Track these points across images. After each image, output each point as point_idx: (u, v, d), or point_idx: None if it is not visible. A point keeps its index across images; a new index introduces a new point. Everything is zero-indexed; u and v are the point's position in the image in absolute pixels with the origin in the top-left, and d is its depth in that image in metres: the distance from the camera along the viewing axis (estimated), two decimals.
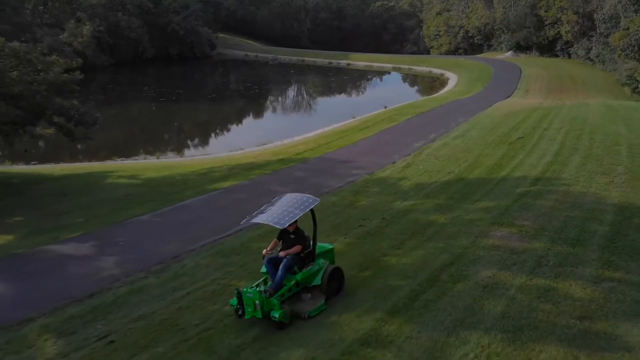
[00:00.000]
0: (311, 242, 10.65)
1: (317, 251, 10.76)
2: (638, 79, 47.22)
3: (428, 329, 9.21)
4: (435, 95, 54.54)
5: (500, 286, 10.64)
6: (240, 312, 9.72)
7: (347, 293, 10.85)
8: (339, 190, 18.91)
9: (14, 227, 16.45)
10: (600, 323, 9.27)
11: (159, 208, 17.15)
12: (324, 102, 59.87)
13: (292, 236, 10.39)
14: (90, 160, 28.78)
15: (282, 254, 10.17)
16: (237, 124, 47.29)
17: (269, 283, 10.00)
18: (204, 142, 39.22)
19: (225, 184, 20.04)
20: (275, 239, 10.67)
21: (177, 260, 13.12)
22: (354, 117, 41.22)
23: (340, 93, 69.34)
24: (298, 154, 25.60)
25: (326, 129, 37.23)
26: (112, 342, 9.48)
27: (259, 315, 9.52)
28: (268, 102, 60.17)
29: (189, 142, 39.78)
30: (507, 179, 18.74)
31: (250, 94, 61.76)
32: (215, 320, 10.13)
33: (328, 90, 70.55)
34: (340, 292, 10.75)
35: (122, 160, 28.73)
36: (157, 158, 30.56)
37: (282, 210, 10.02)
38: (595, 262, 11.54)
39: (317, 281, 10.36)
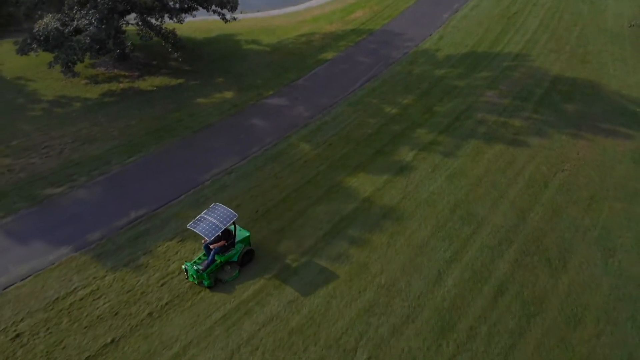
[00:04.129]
0: (234, 235, 16.67)
1: (237, 239, 16.70)
2: None
3: (455, 138, 23.82)
4: None
5: (486, 121, 25.01)
6: (186, 277, 16.30)
7: (416, 124, 25.11)
8: (399, 61, 31.95)
9: (225, 86, 29.92)
10: (523, 137, 23.82)
11: (302, 75, 30.49)
12: None
13: (220, 234, 16.18)
14: None
15: (212, 246, 16.21)
16: None
17: (205, 259, 16.33)
18: None
19: (329, 56, 32.88)
20: None
21: (331, 108, 27.16)
22: None
23: None
24: (363, 24, 37.54)
25: None
26: (330, 144, 24.04)
27: (196, 282, 15.96)
28: None
29: None
30: (500, 54, 31.72)
31: None
32: (360, 139, 24.59)
33: None
34: (251, 262, 16.98)
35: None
36: (242, 13, 41.47)
37: (211, 222, 15.78)
38: (530, 110, 25.75)
39: (235, 258, 16.53)
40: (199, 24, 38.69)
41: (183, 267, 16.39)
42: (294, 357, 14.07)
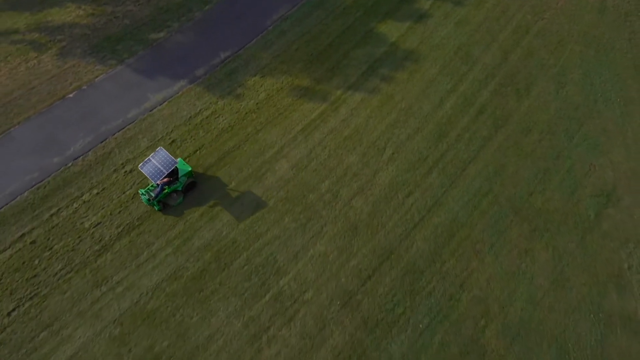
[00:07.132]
0: (177, 172, 21.10)
1: (181, 173, 20.88)
2: None
3: (459, 5, 29.70)
4: None
5: None
6: (141, 200, 21.17)
7: None
8: None
9: None
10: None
11: None
12: None
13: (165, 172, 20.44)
14: None
15: (158, 182, 20.60)
16: None
17: (156, 187, 20.73)
18: None
19: None
20: None
21: None
22: None
23: None
24: None
25: None
26: (346, 8, 29.94)
27: (149, 206, 21.09)
28: None
29: None
30: None
31: None
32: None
33: None
34: (193, 190, 21.55)
35: None
36: None
37: (157, 166, 20.27)
38: None
39: (179, 188, 21.13)
40: None
41: (139, 191, 21.45)
42: (348, 152, 23.16)
